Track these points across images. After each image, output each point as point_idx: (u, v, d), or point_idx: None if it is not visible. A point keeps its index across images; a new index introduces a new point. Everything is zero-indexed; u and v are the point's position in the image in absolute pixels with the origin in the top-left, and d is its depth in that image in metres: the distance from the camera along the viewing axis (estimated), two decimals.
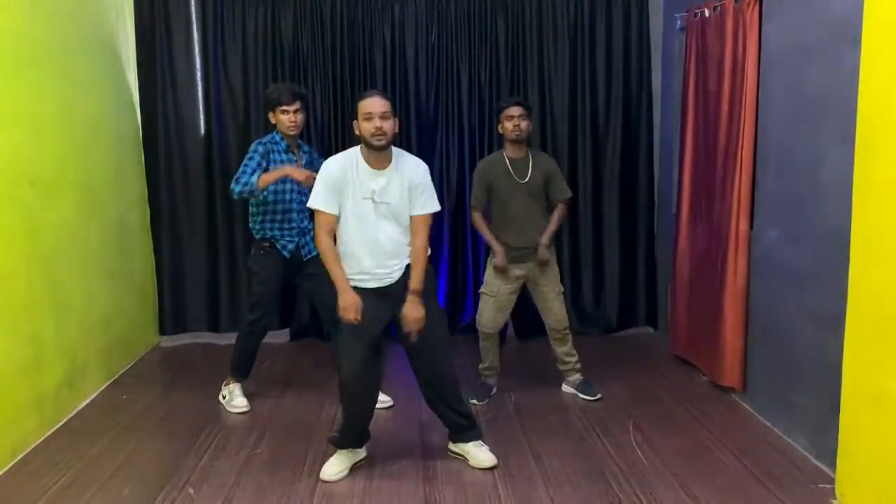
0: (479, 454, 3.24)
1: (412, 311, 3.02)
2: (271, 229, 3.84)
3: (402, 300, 3.04)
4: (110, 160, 4.54)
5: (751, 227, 3.76)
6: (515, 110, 3.84)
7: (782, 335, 3.48)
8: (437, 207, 3.15)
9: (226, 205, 5.09)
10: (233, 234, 5.15)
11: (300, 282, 4.04)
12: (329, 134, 5.05)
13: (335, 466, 3.17)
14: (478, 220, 3.97)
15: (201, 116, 5.05)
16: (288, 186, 3.81)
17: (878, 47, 2.59)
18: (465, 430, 3.28)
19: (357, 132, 3.04)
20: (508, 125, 3.85)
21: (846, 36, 2.89)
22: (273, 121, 3.81)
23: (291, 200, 3.84)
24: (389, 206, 3.04)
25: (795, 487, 2.98)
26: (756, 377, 3.77)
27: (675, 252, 4.54)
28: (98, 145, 4.34)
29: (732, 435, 3.50)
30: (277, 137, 3.83)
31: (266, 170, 3.71)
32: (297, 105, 3.75)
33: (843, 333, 2.80)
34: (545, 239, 3.89)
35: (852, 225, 2.74)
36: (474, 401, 3.90)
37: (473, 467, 3.22)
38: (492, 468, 3.19)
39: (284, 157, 3.81)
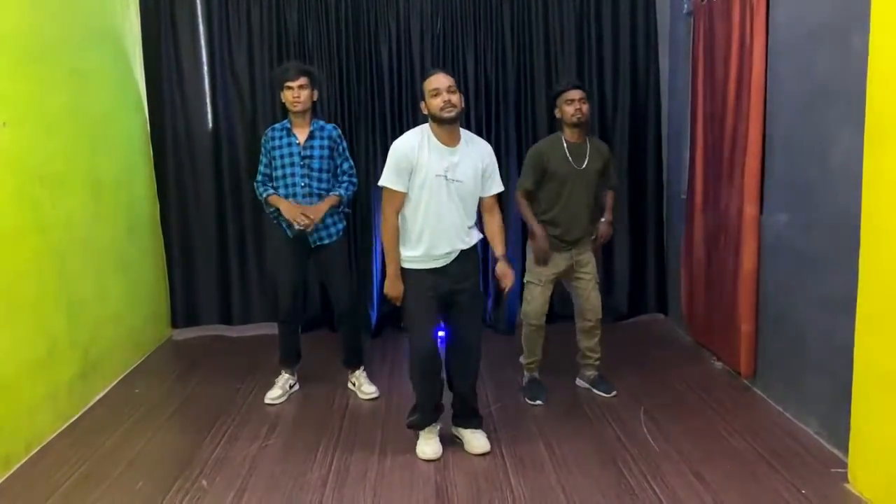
0: (473, 439, 3.30)
1: (508, 270, 3.25)
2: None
3: (458, 276, 3.16)
4: (119, 155, 4.56)
5: (760, 212, 3.74)
6: (576, 93, 3.67)
7: (793, 320, 3.47)
8: (502, 187, 3.31)
9: (235, 197, 5.12)
10: (243, 225, 5.16)
11: (314, 267, 4.03)
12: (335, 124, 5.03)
13: (429, 446, 3.25)
14: (524, 203, 3.77)
15: (208, 110, 5.07)
16: (298, 171, 3.77)
17: (887, 30, 2.57)
18: (470, 417, 3.36)
19: (425, 111, 3.09)
20: (569, 109, 3.66)
21: (854, 19, 2.86)
22: (283, 101, 3.80)
23: (295, 185, 3.79)
24: (461, 186, 3.10)
25: (808, 472, 2.98)
26: (768, 362, 3.76)
27: (690, 238, 4.53)
28: (106, 141, 4.36)
29: (744, 420, 3.50)
30: (285, 123, 3.85)
31: (271, 162, 3.84)
32: (301, 80, 3.71)
33: (853, 317, 2.79)
34: (607, 219, 3.88)
35: (862, 209, 2.72)
36: (538, 401, 3.80)
37: (468, 452, 3.27)
38: (484, 454, 3.24)
39: (283, 141, 3.81)
